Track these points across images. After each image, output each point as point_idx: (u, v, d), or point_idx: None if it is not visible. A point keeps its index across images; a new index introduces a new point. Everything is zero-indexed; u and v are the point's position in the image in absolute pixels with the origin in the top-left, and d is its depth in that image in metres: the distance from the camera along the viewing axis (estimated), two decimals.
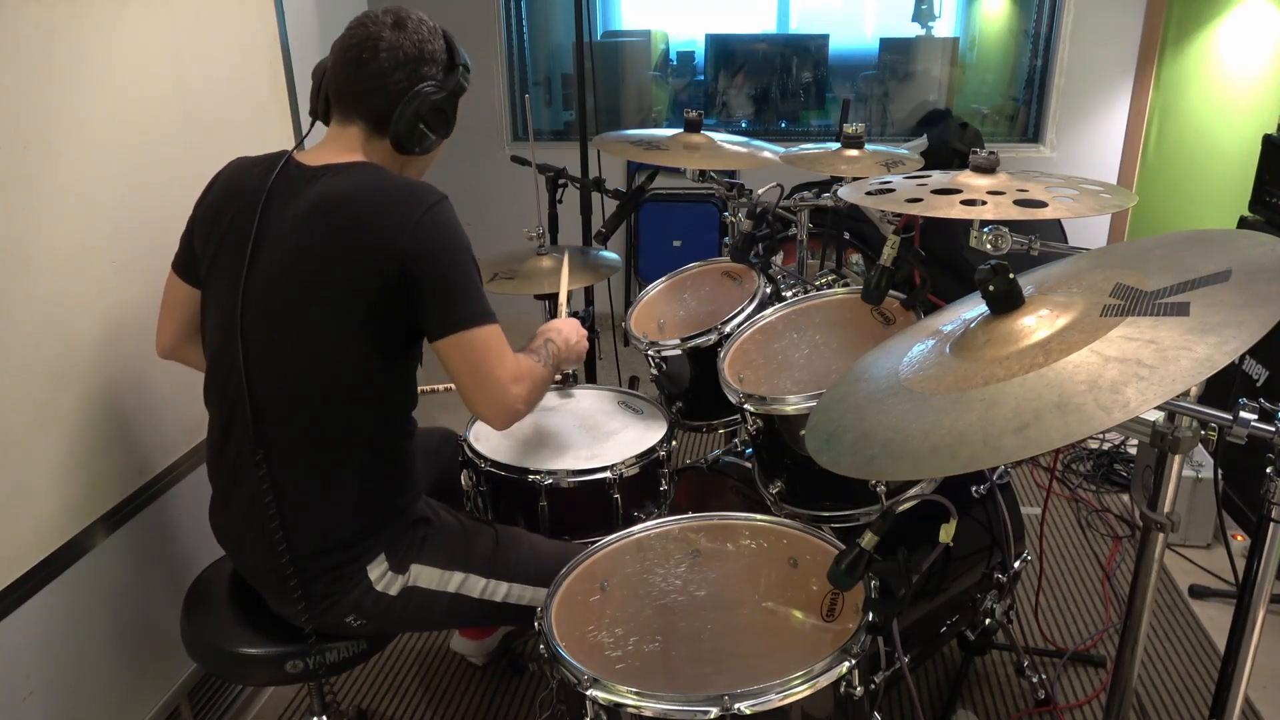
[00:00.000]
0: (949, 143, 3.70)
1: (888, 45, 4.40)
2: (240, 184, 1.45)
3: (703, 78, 4.52)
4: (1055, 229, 3.71)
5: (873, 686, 1.27)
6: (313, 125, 1.51)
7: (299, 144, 1.47)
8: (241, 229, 1.41)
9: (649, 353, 2.04)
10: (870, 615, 1.25)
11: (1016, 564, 1.91)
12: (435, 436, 1.94)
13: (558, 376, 2.09)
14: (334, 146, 1.44)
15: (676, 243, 4.30)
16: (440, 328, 1.37)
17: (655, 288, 2.27)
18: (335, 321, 1.36)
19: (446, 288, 1.37)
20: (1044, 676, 2.07)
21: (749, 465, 1.91)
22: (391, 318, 1.37)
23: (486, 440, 1.89)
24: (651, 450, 1.82)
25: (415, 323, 1.39)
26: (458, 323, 1.37)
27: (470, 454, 1.83)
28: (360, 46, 1.38)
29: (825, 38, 4.37)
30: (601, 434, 1.93)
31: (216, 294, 1.44)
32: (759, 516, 1.53)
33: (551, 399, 2.10)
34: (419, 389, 1.53)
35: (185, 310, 1.54)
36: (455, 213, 1.40)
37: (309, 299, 1.36)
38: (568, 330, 1.71)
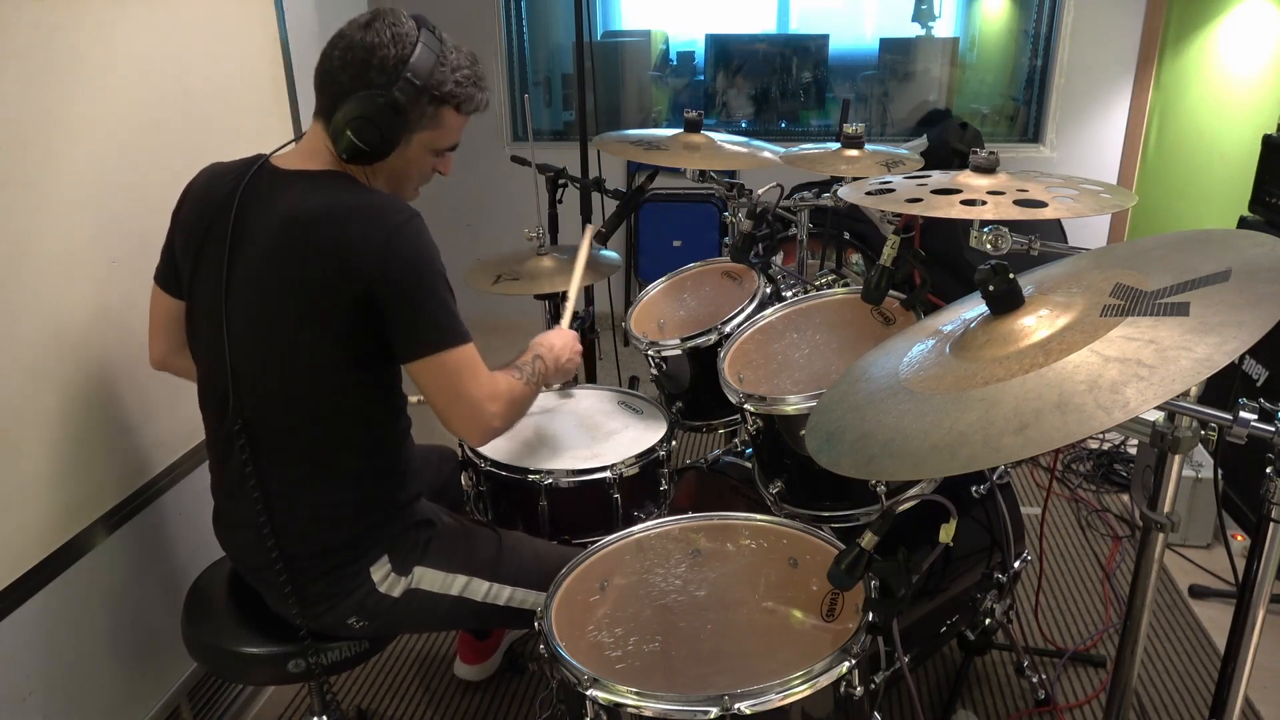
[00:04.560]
0: (949, 143, 3.69)
1: (888, 45, 4.40)
2: (213, 192, 1.42)
3: (703, 78, 4.52)
4: (1055, 229, 3.71)
5: (873, 686, 1.27)
6: (303, 132, 1.49)
7: (280, 148, 1.43)
8: (218, 237, 1.39)
9: (649, 353, 2.04)
10: (870, 615, 1.25)
11: (1016, 564, 1.91)
12: (435, 454, 1.92)
13: (556, 385, 2.09)
14: (307, 146, 1.41)
15: (676, 243, 4.30)
16: (410, 352, 1.35)
17: (655, 288, 2.27)
18: (310, 333, 1.35)
19: (415, 313, 1.34)
20: (1044, 676, 2.07)
21: (749, 465, 1.91)
22: (365, 335, 1.35)
23: None
24: (651, 450, 1.82)
25: (387, 342, 1.36)
26: (428, 346, 1.35)
27: (470, 454, 1.83)
28: (332, 43, 1.36)
29: (825, 38, 4.37)
30: (601, 434, 1.93)
31: (201, 303, 1.43)
32: (759, 516, 1.53)
33: (551, 399, 2.10)
34: (414, 399, 1.51)
35: (171, 322, 1.53)
36: (425, 230, 1.36)
37: (284, 308, 1.35)
38: (560, 347, 1.66)
